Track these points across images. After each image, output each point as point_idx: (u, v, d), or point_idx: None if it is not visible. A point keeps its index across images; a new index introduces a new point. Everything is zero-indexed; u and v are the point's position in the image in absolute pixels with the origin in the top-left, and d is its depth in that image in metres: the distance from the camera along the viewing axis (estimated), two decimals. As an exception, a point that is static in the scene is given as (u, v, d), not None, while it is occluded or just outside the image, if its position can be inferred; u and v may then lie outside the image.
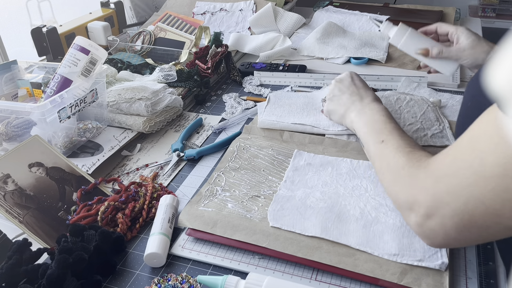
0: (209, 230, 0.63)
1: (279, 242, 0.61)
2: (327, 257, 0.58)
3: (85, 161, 0.81)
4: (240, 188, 0.72)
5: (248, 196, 0.70)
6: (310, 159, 0.77)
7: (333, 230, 0.62)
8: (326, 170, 0.75)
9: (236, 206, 0.68)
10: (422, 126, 0.83)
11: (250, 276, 0.54)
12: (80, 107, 0.84)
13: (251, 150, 0.81)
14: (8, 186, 0.68)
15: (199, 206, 0.68)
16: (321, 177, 0.73)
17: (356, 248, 0.59)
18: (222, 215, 0.66)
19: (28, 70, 0.99)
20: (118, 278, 0.60)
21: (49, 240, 0.64)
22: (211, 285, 0.55)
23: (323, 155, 0.79)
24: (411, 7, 1.52)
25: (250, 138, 0.85)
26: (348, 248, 0.59)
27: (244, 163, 0.78)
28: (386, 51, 1.22)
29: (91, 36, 1.26)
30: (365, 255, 0.58)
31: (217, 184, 0.73)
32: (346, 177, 0.73)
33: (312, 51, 1.25)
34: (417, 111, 0.85)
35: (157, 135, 0.93)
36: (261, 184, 0.73)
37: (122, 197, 0.70)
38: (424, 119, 0.84)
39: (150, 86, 0.92)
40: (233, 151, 0.81)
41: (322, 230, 0.62)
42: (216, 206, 0.68)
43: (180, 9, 1.45)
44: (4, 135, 0.83)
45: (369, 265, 0.57)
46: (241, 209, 0.67)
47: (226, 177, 0.75)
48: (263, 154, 0.80)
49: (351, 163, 0.76)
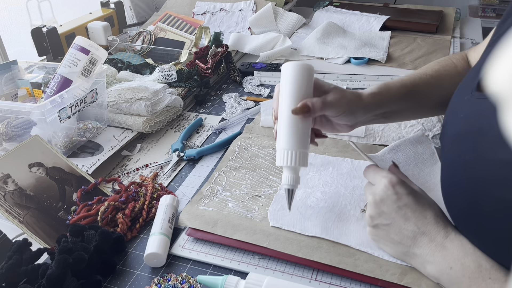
0: (209, 229, 0.63)
1: (279, 242, 0.61)
2: (327, 257, 0.58)
3: (85, 161, 0.81)
4: (241, 187, 0.72)
5: (249, 195, 0.70)
6: (311, 159, 0.77)
7: (334, 230, 0.62)
8: (327, 170, 0.75)
9: (236, 205, 0.68)
10: (423, 128, 0.83)
11: (250, 276, 0.54)
12: (80, 107, 0.84)
13: (252, 150, 0.81)
14: (8, 186, 0.68)
15: (199, 205, 0.68)
16: (322, 177, 0.73)
17: (356, 248, 0.59)
18: (223, 215, 0.66)
19: (28, 70, 0.99)
20: (118, 278, 0.60)
21: (49, 240, 0.64)
22: (211, 285, 0.55)
23: (324, 155, 0.79)
24: (411, 7, 1.52)
25: (251, 137, 0.85)
26: (348, 248, 0.59)
27: (245, 162, 0.78)
28: (386, 51, 1.22)
29: (91, 36, 1.26)
30: (365, 255, 0.58)
31: (218, 184, 0.73)
32: (347, 177, 0.73)
33: (312, 51, 1.25)
34: None
35: (157, 135, 0.93)
36: (262, 183, 0.73)
37: (122, 197, 0.70)
38: (425, 121, 0.84)
39: (150, 86, 0.92)
40: (234, 150, 0.81)
41: (323, 230, 0.62)
42: (216, 205, 0.68)
43: (180, 9, 1.45)
44: (4, 135, 0.83)
45: (369, 265, 0.57)
46: (242, 209, 0.67)
47: (227, 177, 0.75)
48: (264, 154, 0.80)
49: (351, 163, 0.76)
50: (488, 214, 0.48)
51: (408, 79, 0.69)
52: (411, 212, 0.55)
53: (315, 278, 0.58)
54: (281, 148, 0.57)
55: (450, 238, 0.53)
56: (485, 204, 0.48)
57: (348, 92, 0.62)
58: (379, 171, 0.59)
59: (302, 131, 0.57)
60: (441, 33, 1.34)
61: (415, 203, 0.55)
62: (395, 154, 0.74)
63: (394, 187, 0.56)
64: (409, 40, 1.31)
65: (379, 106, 0.65)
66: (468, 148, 0.52)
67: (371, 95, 0.64)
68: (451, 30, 1.35)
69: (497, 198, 0.47)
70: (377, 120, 0.67)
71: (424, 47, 1.26)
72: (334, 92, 0.60)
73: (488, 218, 0.49)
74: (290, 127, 0.57)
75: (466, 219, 0.52)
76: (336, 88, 0.61)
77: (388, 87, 0.66)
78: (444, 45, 1.26)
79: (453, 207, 0.55)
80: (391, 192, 0.56)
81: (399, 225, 0.55)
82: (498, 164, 0.47)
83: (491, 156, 0.48)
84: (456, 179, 0.54)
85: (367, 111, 0.63)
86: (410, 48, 1.26)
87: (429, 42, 1.29)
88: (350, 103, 0.61)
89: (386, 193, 0.56)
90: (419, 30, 1.36)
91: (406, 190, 0.56)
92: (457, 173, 0.54)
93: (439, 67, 0.73)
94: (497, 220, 0.47)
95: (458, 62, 0.74)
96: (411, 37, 1.33)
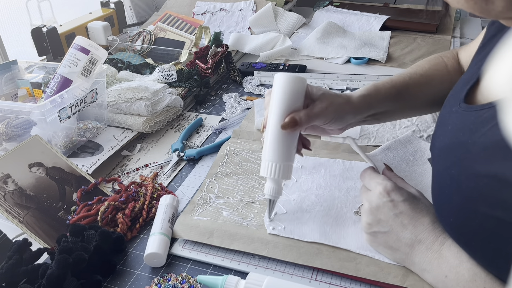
0: (205, 240, 0.62)
1: (278, 250, 0.60)
2: (329, 262, 0.58)
3: (85, 161, 0.81)
4: (234, 194, 0.71)
5: (243, 202, 0.69)
6: (302, 161, 0.77)
7: (332, 235, 0.61)
8: (319, 172, 0.74)
9: (231, 213, 0.67)
10: (418, 128, 0.83)
11: (250, 276, 0.54)
12: (80, 107, 0.84)
13: (242, 154, 0.80)
14: (8, 186, 0.68)
15: (193, 215, 0.67)
16: (315, 180, 0.73)
17: (356, 252, 0.59)
18: (218, 224, 0.65)
19: (28, 70, 0.99)
20: (118, 278, 0.60)
21: (49, 240, 0.64)
22: (211, 285, 0.55)
23: (315, 157, 0.78)
24: (411, 7, 1.52)
25: (240, 142, 0.84)
26: (348, 252, 0.59)
27: (236, 167, 0.77)
28: (386, 51, 1.22)
29: (91, 36, 1.26)
30: (366, 258, 0.58)
31: (210, 191, 0.72)
32: (340, 179, 0.72)
33: (312, 51, 1.25)
34: None
35: (157, 135, 0.93)
36: (255, 189, 0.72)
37: (122, 197, 0.70)
38: (420, 122, 0.84)
39: (150, 86, 0.92)
40: (223, 155, 0.80)
41: (321, 235, 0.61)
42: (211, 214, 0.67)
43: (180, 9, 1.45)
44: (4, 135, 0.83)
45: (370, 268, 0.56)
46: (237, 217, 0.66)
47: (219, 184, 0.73)
48: (254, 158, 0.79)
49: (343, 164, 0.75)
50: (476, 230, 0.47)
51: (398, 79, 0.68)
52: (408, 219, 0.54)
53: (315, 278, 0.58)
54: (266, 160, 0.59)
55: (447, 245, 0.52)
56: (472, 220, 0.47)
57: (337, 98, 0.61)
58: (375, 176, 0.59)
59: (288, 144, 0.59)
60: (441, 33, 1.34)
61: (412, 209, 0.55)
62: (386, 155, 0.74)
63: (389, 195, 0.56)
64: (409, 40, 1.31)
65: (369, 109, 0.65)
66: (454, 162, 0.51)
67: (360, 97, 0.64)
68: (451, 30, 1.35)
69: (483, 214, 0.46)
70: (368, 121, 0.67)
71: (424, 47, 1.25)
72: (321, 100, 0.60)
73: (476, 234, 0.47)
74: (276, 139, 0.58)
75: (456, 233, 0.51)
76: (324, 95, 0.61)
77: (377, 89, 0.66)
78: (444, 45, 1.26)
79: (442, 219, 0.54)
80: (386, 200, 0.55)
81: (397, 233, 0.55)
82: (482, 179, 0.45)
83: (474, 171, 0.47)
84: (444, 193, 0.53)
85: (356, 114, 0.63)
86: (410, 48, 1.26)
87: (429, 42, 1.29)
88: (338, 110, 0.61)
89: (382, 201, 0.56)
90: (419, 30, 1.36)
91: (402, 196, 0.56)
92: (445, 187, 0.52)
93: (429, 66, 0.72)
94: (485, 237, 0.46)
95: (449, 61, 0.73)
96: (411, 37, 1.33)
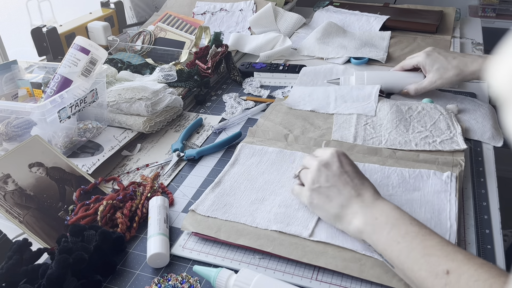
0: (213, 234, 0.63)
1: (283, 247, 0.60)
2: (333, 262, 0.58)
3: (85, 161, 0.81)
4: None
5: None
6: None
7: (339, 235, 0.61)
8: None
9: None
10: (431, 134, 0.82)
11: (241, 273, 0.54)
12: (80, 107, 0.84)
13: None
14: (8, 186, 0.68)
15: (202, 211, 0.67)
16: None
17: (362, 253, 0.59)
18: (226, 220, 0.65)
19: (28, 70, 0.99)
20: (118, 278, 0.60)
21: (49, 240, 0.64)
22: (205, 276, 0.56)
23: None
24: (411, 7, 1.52)
25: (255, 141, 0.84)
26: (354, 253, 0.59)
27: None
28: (386, 51, 1.22)
29: (91, 36, 1.26)
30: (371, 260, 0.58)
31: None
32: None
33: (312, 51, 1.25)
34: (427, 121, 0.85)
35: (157, 135, 0.93)
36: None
37: (119, 196, 0.70)
38: (434, 128, 0.83)
39: (150, 86, 0.92)
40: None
41: (328, 235, 0.61)
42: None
43: (180, 9, 1.45)
44: (4, 135, 0.83)
45: (375, 270, 0.56)
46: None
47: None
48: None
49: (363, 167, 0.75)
50: None
51: None
52: (351, 179, 0.61)
53: (316, 278, 0.58)
54: None
55: (381, 200, 0.59)
56: None
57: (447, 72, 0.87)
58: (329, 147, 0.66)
59: None
60: (441, 33, 1.34)
61: (356, 172, 0.62)
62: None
63: (339, 156, 0.63)
64: (409, 40, 1.31)
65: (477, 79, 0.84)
66: None
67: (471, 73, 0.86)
68: (451, 30, 1.35)
69: None
70: None
71: (424, 47, 1.23)
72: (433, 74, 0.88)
73: None
74: None
75: None
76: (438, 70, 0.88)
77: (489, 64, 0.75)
78: (444, 45, 1.26)
79: None
80: (336, 159, 0.62)
81: (338, 188, 0.60)
82: None
83: None
84: None
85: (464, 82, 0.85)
86: (410, 48, 1.25)
87: (429, 42, 1.29)
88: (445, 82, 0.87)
89: (332, 159, 0.62)
90: (419, 30, 1.36)
91: (350, 161, 0.63)
92: None
93: None
94: None
95: None
96: (411, 37, 1.33)
